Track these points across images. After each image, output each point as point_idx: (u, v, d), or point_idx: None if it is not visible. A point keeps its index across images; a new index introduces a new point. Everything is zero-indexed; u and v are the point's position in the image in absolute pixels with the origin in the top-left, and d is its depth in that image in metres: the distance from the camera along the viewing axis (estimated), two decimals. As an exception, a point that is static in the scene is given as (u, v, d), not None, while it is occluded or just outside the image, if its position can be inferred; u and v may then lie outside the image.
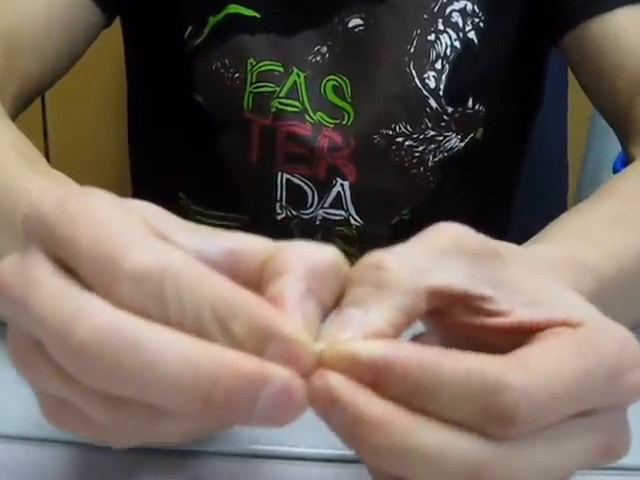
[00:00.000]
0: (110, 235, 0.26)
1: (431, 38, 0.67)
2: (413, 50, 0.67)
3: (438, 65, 0.67)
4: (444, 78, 0.67)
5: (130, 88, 0.82)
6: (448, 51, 0.67)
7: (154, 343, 0.25)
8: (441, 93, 0.67)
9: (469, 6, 0.67)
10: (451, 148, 0.70)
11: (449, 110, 0.68)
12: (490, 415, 0.26)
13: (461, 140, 0.70)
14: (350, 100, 0.68)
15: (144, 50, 0.76)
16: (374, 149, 0.68)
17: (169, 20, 0.68)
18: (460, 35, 0.67)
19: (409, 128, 0.68)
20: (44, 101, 1.30)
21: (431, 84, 0.67)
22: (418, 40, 0.67)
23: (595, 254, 0.37)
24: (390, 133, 0.68)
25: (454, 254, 0.29)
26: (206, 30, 0.67)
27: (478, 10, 0.67)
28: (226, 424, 0.29)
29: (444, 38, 0.67)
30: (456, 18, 0.67)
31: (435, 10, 0.67)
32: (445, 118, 0.68)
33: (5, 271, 0.28)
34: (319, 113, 0.68)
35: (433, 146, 0.69)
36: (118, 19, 0.73)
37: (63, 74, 0.66)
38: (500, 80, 0.71)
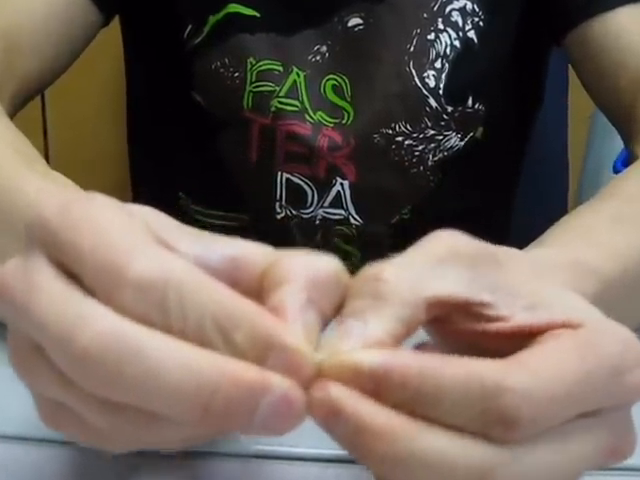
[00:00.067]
0: (113, 242, 0.26)
1: (431, 37, 0.67)
2: (413, 49, 0.66)
3: (438, 64, 0.67)
4: (444, 77, 0.67)
5: (129, 87, 0.82)
6: (448, 50, 0.67)
7: (156, 351, 0.25)
8: (441, 92, 0.67)
9: (469, 5, 0.67)
10: (451, 147, 0.70)
11: (449, 109, 0.68)
12: (492, 419, 0.26)
13: (461, 139, 0.69)
14: (350, 99, 0.68)
15: (143, 49, 0.75)
16: (374, 148, 0.68)
17: (169, 19, 0.68)
18: (460, 34, 0.67)
19: (409, 127, 0.68)
20: (44, 100, 1.30)
21: (431, 83, 0.67)
22: (418, 39, 0.67)
23: (598, 256, 0.37)
24: (390, 132, 0.68)
25: (452, 262, 0.29)
26: (206, 29, 0.67)
27: (478, 9, 0.67)
28: (225, 432, 0.29)
29: (444, 37, 0.67)
30: (456, 17, 0.67)
31: (435, 9, 0.67)
32: (445, 117, 0.68)
33: (7, 275, 0.28)
34: (319, 112, 0.68)
35: (433, 145, 0.69)
36: (117, 18, 0.73)
37: (62, 72, 0.66)
38: (500, 79, 0.71)
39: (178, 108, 0.72)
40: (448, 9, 0.67)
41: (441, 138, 0.69)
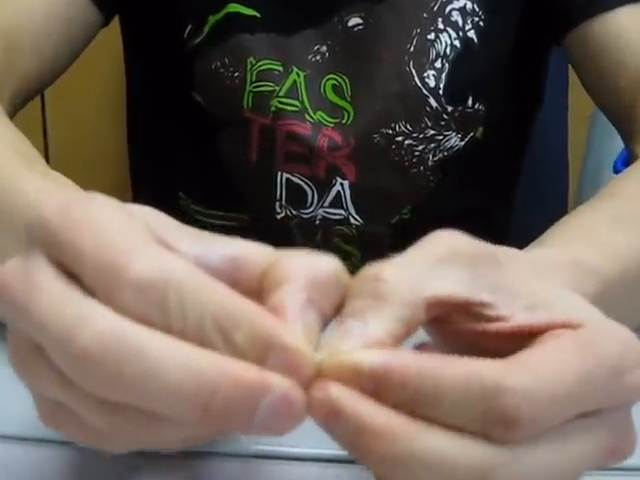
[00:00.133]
0: (113, 242, 0.26)
1: (431, 37, 0.67)
2: (413, 49, 0.66)
3: (438, 64, 0.67)
4: (444, 77, 0.67)
5: (129, 87, 0.82)
6: (448, 50, 0.67)
7: (156, 351, 0.25)
8: (441, 92, 0.67)
9: (469, 5, 0.67)
10: (451, 147, 0.70)
11: (449, 109, 0.68)
12: (491, 419, 0.26)
13: (461, 139, 0.69)
14: (350, 99, 0.68)
15: (143, 49, 0.75)
16: (374, 148, 0.68)
17: (168, 19, 0.68)
18: (460, 34, 0.67)
19: (409, 127, 0.68)
20: (44, 99, 1.30)
21: (431, 83, 0.67)
22: (418, 39, 0.66)
23: (598, 256, 0.37)
24: (390, 132, 0.68)
25: (452, 262, 0.29)
26: (206, 29, 0.67)
27: (478, 9, 0.67)
28: (225, 432, 0.29)
29: (444, 37, 0.67)
30: (456, 17, 0.67)
31: (435, 9, 0.67)
32: (445, 117, 0.68)
33: (7, 274, 0.28)
34: (319, 112, 0.68)
35: (433, 145, 0.69)
36: (117, 18, 0.73)
37: (62, 72, 0.66)
38: (500, 79, 0.71)
39: (178, 108, 0.72)
40: (448, 9, 0.67)
41: (441, 138, 0.69)
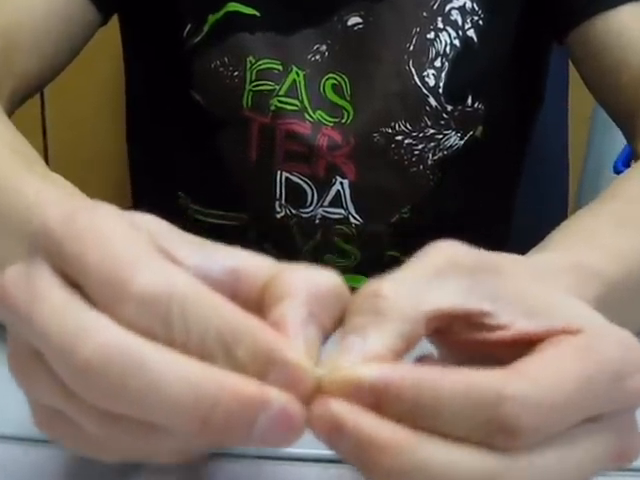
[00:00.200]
0: (117, 254, 0.26)
1: (430, 36, 0.66)
2: (412, 48, 0.66)
3: (437, 63, 0.67)
4: (444, 76, 0.67)
5: (128, 86, 0.82)
6: (447, 49, 0.67)
7: (158, 364, 0.25)
8: (440, 91, 0.67)
9: (468, 4, 0.67)
10: (451, 146, 0.70)
11: (449, 108, 0.68)
12: (493, 428, 0.26)
13: (461, 138, 0.69)
14: (349, 98, 0.68)
15: (142, 48, 0.75)
16: (373, 147, 0.68)
17: (168, 18, 0.68)
18: (460, 33, 0.67)
19: (408, 126, 0.68)
20: (43, 99, 1.30)
21: (430, 82, 0.67)
22: (417, 38, 0.66)
23: (602, 258, 0.37)
24: (389, 131, 0.68)
25: (451, 272, 0.30)
26: (205, 28, 0.67)
27: (477, 8, 0.67)
28: (224, 444, 0.29)
29: (443, 36, 0.67)
30: (455, 16, 0.67)
31: (434, 8, 0.66)
32: (445, 116, 0.68)
33: (9, 282, 0.28)
34: (318, 111, 0.68)
35: (433, 144, 0.69)
36: (116, 17, 0.72)
37: (61, 70, 0.66)
38: (500, 78, 0.71)
39: (177, 107, 0.72)
40: (448, 8, 0.67)
41: (441, 137, 0.69)
